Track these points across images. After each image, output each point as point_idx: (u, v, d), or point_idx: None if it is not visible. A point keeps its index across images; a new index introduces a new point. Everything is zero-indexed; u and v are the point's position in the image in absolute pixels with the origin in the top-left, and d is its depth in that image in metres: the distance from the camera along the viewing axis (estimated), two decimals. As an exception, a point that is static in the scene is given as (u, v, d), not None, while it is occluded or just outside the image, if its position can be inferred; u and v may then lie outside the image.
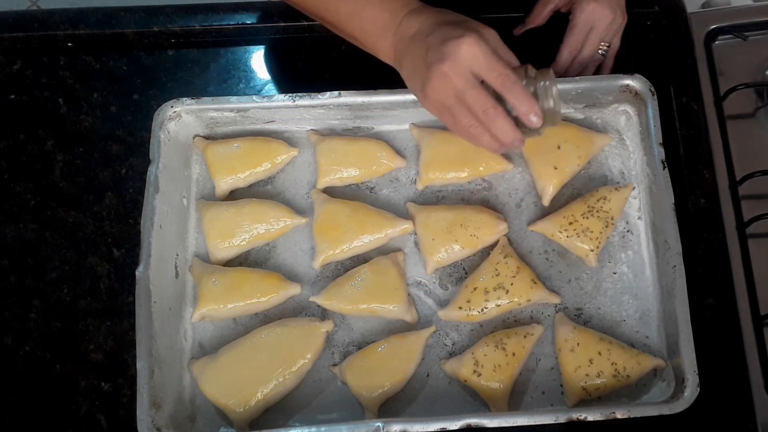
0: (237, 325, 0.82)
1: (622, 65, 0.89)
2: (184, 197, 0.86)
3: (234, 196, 0.87)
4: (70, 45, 0.95)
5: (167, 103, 0.84)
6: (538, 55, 0.86)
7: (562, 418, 0.72)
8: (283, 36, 0.95)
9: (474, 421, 0.72)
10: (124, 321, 0.84)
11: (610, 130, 0.88)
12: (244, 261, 0.84)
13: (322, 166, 0.86)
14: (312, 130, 0.89)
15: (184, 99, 0.84)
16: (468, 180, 0.86)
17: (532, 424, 0.73)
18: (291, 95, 0.84)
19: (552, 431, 0.76)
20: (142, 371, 0.74)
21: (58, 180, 0.90)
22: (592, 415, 0.72)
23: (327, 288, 0.81)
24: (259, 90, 0.94)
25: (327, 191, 0.86)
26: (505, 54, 0.69)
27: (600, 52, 0.87)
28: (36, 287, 0.85)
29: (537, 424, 0.73)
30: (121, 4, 0.96)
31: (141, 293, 0.76)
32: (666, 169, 0.80)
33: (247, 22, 0.95)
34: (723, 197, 0.86)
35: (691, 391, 0.73)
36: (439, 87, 0.67)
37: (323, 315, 0.81)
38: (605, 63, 0.89)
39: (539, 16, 0.89)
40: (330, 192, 0.86)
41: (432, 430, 0.72)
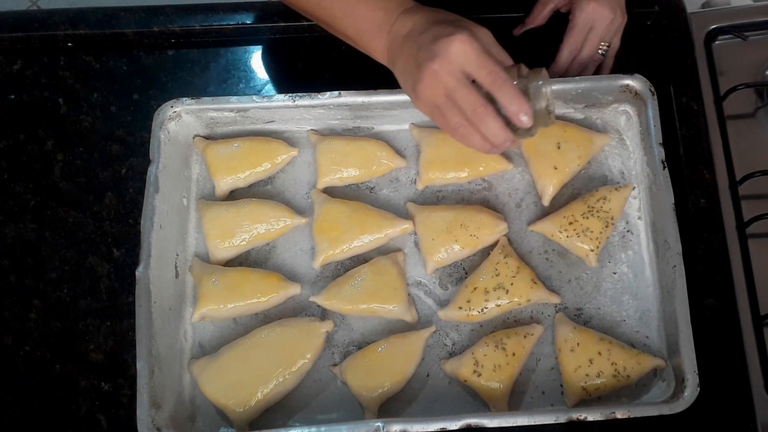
0: (237, 325, 0.82)
1: (622, 65, 0.89)
2: (184, 197, 0.86)
3: (234, 196, 0.87)
4: (70, 45, 0.95)
5: (167, 103, 0.84)
6: (537, 55, 0.86)
7: (562, 418, 0.72)
8: (283, 36, 0.95)
9: (474, 421, 0.72)
10: (124, 321, 0.84)
11: (610, 130, 0.88)
12: (244, 261, 0.84)
13: (322, 166, 0.86)
14: (312, 130, 0.89)
15: (184, 99, 0.84)
16: (468, 180, 0.86)
17: (532, 424, 0.73)
18: (291, 95, 0.84)
19: (552, 431, 0.76)
20: (142, 371, 0.74)
21: (58, 180, 0.90)
22: (592, 415, 0.72)
23: (327, 288, 0.81)
24: (259, 90, 0.94)
25: (327, 191, 0.86)
26: (498, 53, 0.68)
27: (600, 51, 0.87)
28: (36, 287, 0.86)
29: (537, 424, 0.73)
30: (121, 4, 0.96)
31: (141, 293, 0.76)
32: (666, 169, 0.80)
33: (247, 22, 0.95)
34: (723, 197, 0.86)
35: (691, 391, 0.73)
36: (430, 86, 0.66)
37: (323, 315, 0.81)
38: (605, 63, 0.89)
39: (539, 16, 0.89)
40: (330, 192, 0.86)
41: (432, 430, 0.72)
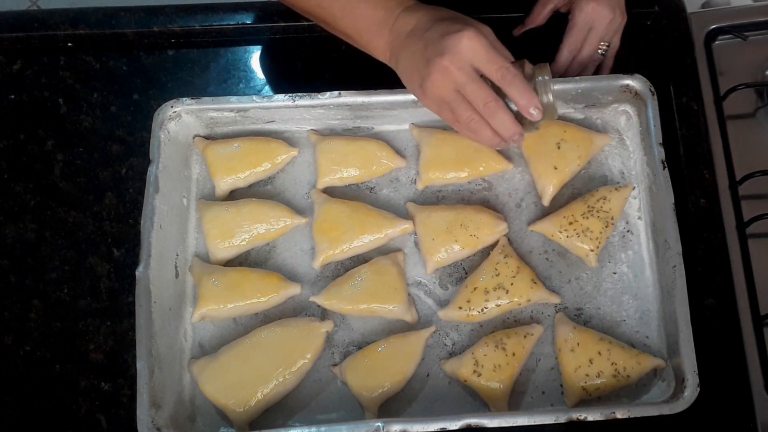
0: (237, 325, 0.82)
1: (622, 65, 0.89)
2: (184, 197, 0.86)
3: (234, 196, 0.87)
4: (70, 45, 0.95)
5: (167, 103, 0.84)
6: (537, 56, 0.86)
7: (562, 418, 0.72)
8: (283, 36, 0.95)
9: (474, 421, 0.72)
10: (124, 321, 0.84)
11: (610, 130, 0.88)
12: (244, 261, 0.84)
13: (322, 166, 0.86)
14: (312, 130, 0.89)
15: (184, 99, 0.84)
16: (468, 180, 0.86)
17: (532, 424, 0.73)
18: (291, 95, 0.84)
19: (552, 431, 0.76)
20: (142, 371, 0.74)
21: (58, 180, 0.90)
22: (592, 415, 0.72)
23: (327, 288, 0.81)
24: (259, 90, 0.94)
25: (327, 191, 0.86)
26: (502, 50, 0.69)
27: (600, 51, 0.87)
28: (36, 287, 0.85)
29: (537, 424, 0.73)
30: (121, 4, 0.96)
31: (141, 293, 0.76)
32: (666, 169, 0.80)
33: (247, 22, 0.95)
34: (723, 197, 0.86)
35: (691, 391, 0.73)
36: (440, 81, 0.67)
37: (323, 315, 0.81)
38: (605, 63, 0.89)
39: (539, 16, 0.89)
40: (330, 192, 0.86)
41: (432, 430, 0.72)
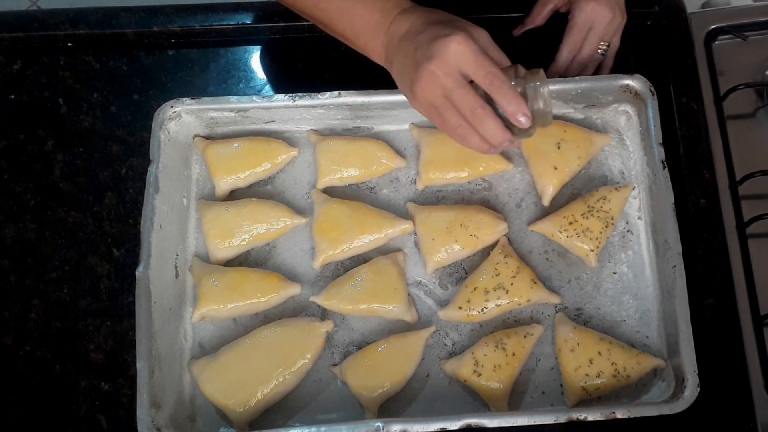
0: (237, 325, 0.82)
1: (622, 65, 0.89)
2: (184, 197, 0.86)
3: (234, 196, 0.87)
4: (70, 45, 0.95)
5: (167, 103, 0.84)
6: (537, 56, 0.86)
7: (562, 418, 0.72)
8: (283, 36, 0.95)
9: (474, 421, 0.72)
10: (124, 321, 0.84)
11: (610, 130, 0.88)
12: (244, 261, 0.84)
13: (322, 166, 0.86)
14: (312, 130, 0.89)
15: (184, 99, 0.84)
16: (468, 180, 0.86)
17: (532, 424, 0.73)
18: (291, 95, 0.84)
19: (552, 431, 0.76)
20: (142, 371, 0.74)
21: (58, 180, 0.90)
22: (592, 415, 0.72)
23: (327, 288, 0.81)
24: (259, 90, 0.94)
25: (327, 191, 0.86)
26: (496, 54, 0.69)
27: (600, 51, 0.87)
28: (36, 287, 0.85)
29: (537, 424, 0.73)
30: (121, 4, 0.96)
31: (141, 293, 0.76)
32: (666, 169, 0.80)
33: (247, 22, 0.95)
34: (723, 197, 0.86)
35: (691, 391, 0.73)
36: (428, 86, 0.67)
37: (323, 315, 0.81)
38: (605, 62, 0.88)
39: (538, 16, 0.89)
40: (330, 192, 0.86)
41: (432, 430, 0.72)
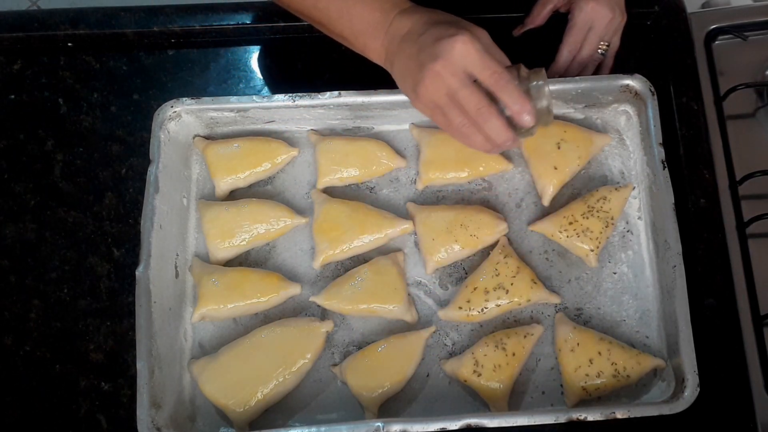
0: (237, 325, 0.82)
1: (622, 65, 0.89)
2: (184, 197, 0.86)
3: (234, 196, 0.87)
4: (70, 45, 0.95)
5: (167, 103, 0.84)
6: (537, 56, 0.86)
7: (562, 418, 0.72)
8: (283, 36, 0.95)
9: (474, 421, 0.72)
10: (124, 321, 0.84)
11: (610, 130, 0.88)
12: (244, 261, 0.84)
13: (322, 166, 0.86)
14: (312, 130, 0.89)
15: (184, 99, 0.84)
16: (468, 180, 0.86)
17: (532, 424, 0.73)
18: (291, 95, 0.84)
19: (552, 431, 0.76)
20: (142, 371, 0.74)
21: (58, 180, 0.90)
22: (592, 415, 0.72)
23: (327, 288, 0.81)
24: (259, 90, 0.94)
25: (327, 191, 0.86)
26: (497, 54, 0.69)
27: (600, 51, 0.87)
28: (36, 287, 0.85)
29: (537, 424, 0.73)
30: (121, 4, 0.96)
31: (141, 293, 0.76)
32: (666, 169, 0.80)
33: (247, 22, 0.95)
34: (723, 197, 0.86)
35: (691, 391, 0.73)
36: (432, 86, 0.67)
37: (323, 315, 0.81)
38: (605, 62, 0.89)
39: (538, 16, 0.89)
40: (330, 192, 0.86)
41: (432, 430, 0.72)
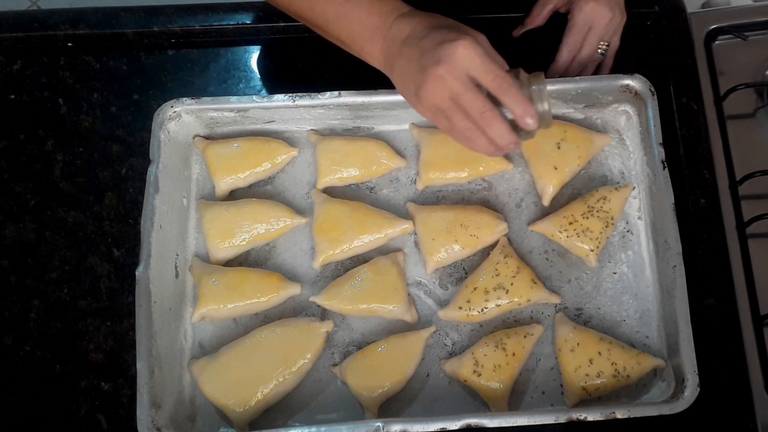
0: (237, 325, 0.82)
1: (622, 65, 0.89)
2: (184, 197, 0.86)
3: (234, 196, 0.87)
4: (70, 45, 0.95)
5: (167, 103, 0.84)
6: (537, 56, 0.86)
7: (562, 418, 0.72)
8: (283, 36, 0.95)
9: (474, 421, 0.72)
10: (124, 321, 0.84)
11: (610, 130, 0.88)
12: (244, 261, 0.84)
13: (322, 166, 0.86)
14: (312, 130, 0.89)
15: (184, 99, 0.84)
16: (468, 180, 0.86)
17: (532, 424, 0.73)
18: (291, 95, 0.84)
19: (552, 431, 0.76)
20: (142, 371, 0.74)
21: (58, 180, 0.90)
22: (592, 415, 0.72)
23: (327, 288, 0.81)
24: (259, 90, 0.94)
25: (327, 191, 0.86)
26: (497, 58, 0.69)
27: (599, 51, 0.87)
28: (36, 287, 0.85)
29: (537, 424, 0.73)
30: (121, 4, 0.96)
31: (141, 293, 0.76)
32: (666, 169, 0.80)
33: (247, 22, 0.95)
34: (723, 197, 0.86)
35: (691, 391, 0.73)
36: (435, 90, 0.67)
37: (323, 315, 0.81)
38: (605, 62, 0.89)
39: (538, 16, 0.89)
40: (330, 192, 0.86)
41: (432, 430, 0.72)
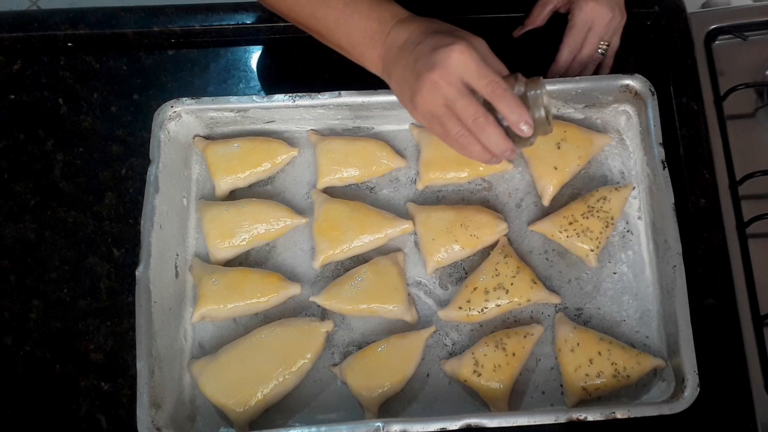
0: (237, 325, 0.82)
1: (622, 65, 0.89)
2: (184, 197, 0.86)
3: (234, 196, 0.87)
4: (70, 45, 0.95)
5: (167, 103, 0.84)
6: (537, 57, 0.86)
7: (562, 418, 0.72)
8: (283, 36, 0.95)
9: (474, 421, 0.72)
10: (124, 321, 0.84)
11: (610, 130, 0.88)
12: (244, 261, 0.84)
13: (322, 166, 0.86)
14: (312, 130, 0.89)
15: (184, 99, 0.84)
16: (468, 180, 0.86)
17: (532, 424, 0.73)
18: (291, 95, 0.84)
19: (552, 431, 0.76)
20: (142, 371, 0.74)
21: (58, 180, 0.90)
22: (592, 415, 0.72)
23: (327, 288, 0.81)
24: (259, 90, 0.94)
25: (327, 191, 0.86)
26: (494, 63, 0.68)
27: (599, 51, 0.87)
28: (36, 287, 0.85)
29: (537, 424, 0.73)
30: (121, 4, 0.96)
31: (141, 293, 0.76)
32: (666, 169, 0.80)
33: (247, 22, 0.95)
34: (723, 197, 0.86)
35: (691, 391, 0.73)
36: (429, 96, 0.66)
37: (323, 315, 0.81)
38: (605, 62, 0.88)
39: (538, 17, 0.89)
40: (330, 192, 0.86)
41: (432, 430, 0.72)
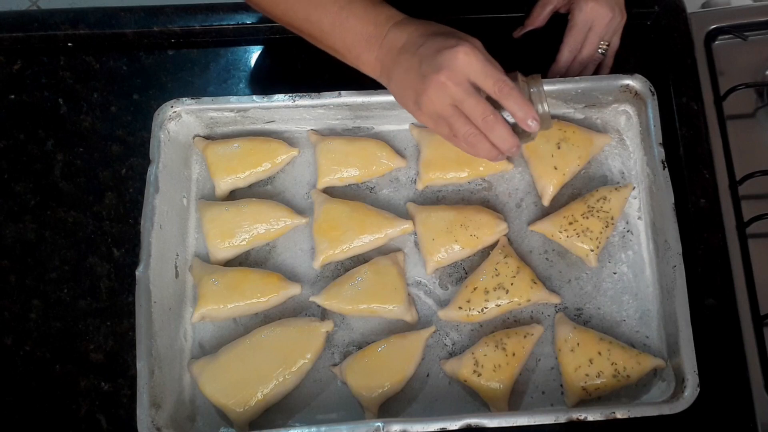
0: (237, 325, 0.82)
1: (622, 65, 0.89)
2: (184, 197, 0.86)
3: (234, 196, 0.87)
4: (70, 45, 0.95)
5: (167, 103, 0.84)
6: (537, 57, 0.86)
7: (562, 418, 0.72)
8: (283, 36, 0.95)
9: (474, 421, 0.72)
10: (124, 321, 0.84)
11: (610, 130, 0.88)
12: (244, 261, 0.84)
13: (322, 166, 0.86)
14: (312, 130, 0.89)
15: (184, 99, 0.84)
16: (468, 180, 0.86)
17: (532, 424, 0.73)
18: (291, 95, 0.84)
19: (552, 431, 0.76)
20: (142, 371, 0.74)
21: (58, 180, 0.90)
22: (592, 415, 0.72)
23: (327, 288, 0.81)
24: (259, 90, 0.94)
25: (327, 191, 0.86)
26: (494, 63, 0.69)
27: (600, 51, 0.87)
28: (36, 287, 0.85)
29: (537, 424, 0.73)
30: (121, 4, 0.96)
31: (141, 293, 0.76)
32: (666, 169, 0.80)
33: (247, 22, 0.95)
34: (723, 197, 0.86)
35: (691, 391, 0.73)
36: (436, 97, 0.67)
37: (323, 315, 0.81)
38: (605, 62, 0.89)
39: (538, 17, 0.89)
40: (330, 192, 0.86)
41: (432, 430, 0.72)
